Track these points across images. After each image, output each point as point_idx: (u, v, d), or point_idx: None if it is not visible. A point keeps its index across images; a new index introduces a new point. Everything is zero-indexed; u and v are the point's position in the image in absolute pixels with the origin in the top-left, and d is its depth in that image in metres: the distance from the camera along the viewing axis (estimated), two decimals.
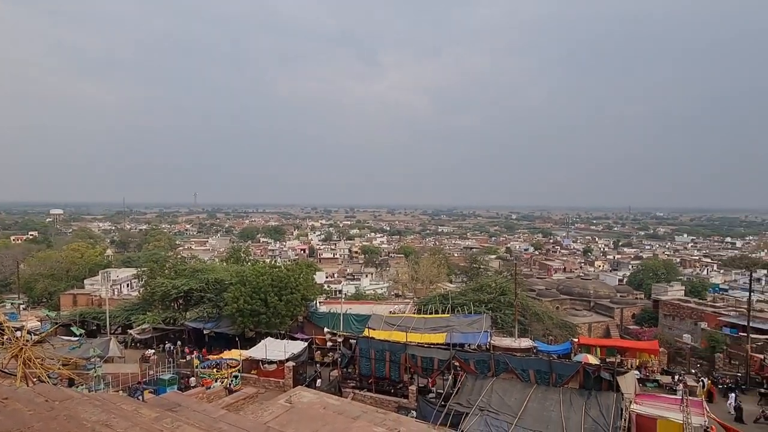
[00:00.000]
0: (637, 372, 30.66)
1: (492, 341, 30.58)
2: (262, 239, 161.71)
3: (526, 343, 32.10)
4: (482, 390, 21.93)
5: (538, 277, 76.59)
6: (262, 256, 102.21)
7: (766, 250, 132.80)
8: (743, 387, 31.17)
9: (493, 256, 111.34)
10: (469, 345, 29.55)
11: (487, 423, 19.36)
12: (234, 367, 29.08)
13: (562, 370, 22.37)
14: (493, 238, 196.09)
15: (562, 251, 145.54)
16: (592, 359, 29.22)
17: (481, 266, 72.98)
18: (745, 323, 35.99)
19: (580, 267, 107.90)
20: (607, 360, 31.27)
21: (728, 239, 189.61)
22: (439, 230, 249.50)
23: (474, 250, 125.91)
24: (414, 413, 23.24)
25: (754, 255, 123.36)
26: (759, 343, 38.34)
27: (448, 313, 37.20)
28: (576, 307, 57.13)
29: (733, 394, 28.76)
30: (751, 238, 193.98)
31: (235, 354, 31.11)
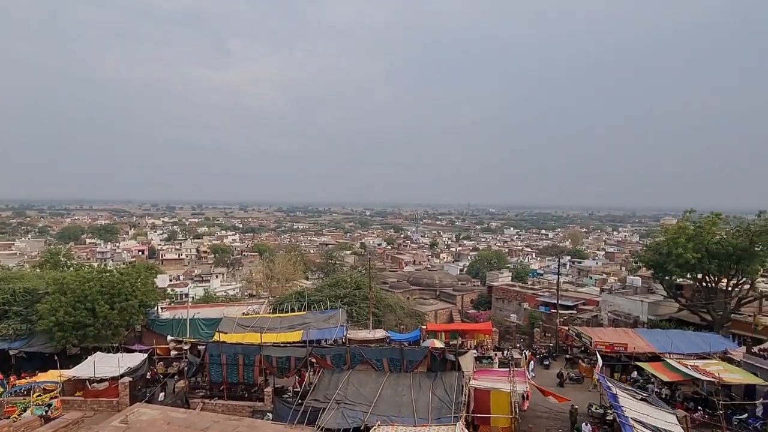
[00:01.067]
0: (475, 351, 34.45)
1: (348, 335, 31.38)
2: (88, 240, 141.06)
3: (380, 333, 33.64)
4: (339, 383, 22.42)
5: (390, 271, 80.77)
6: (89, 259, 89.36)
7: (569, 240, 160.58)
8: (554, 354, 37.31)
9: (349, 252, 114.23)
10: (326, 340, 29.88)
11: (344, 415, 19.86)
12: (51, 390, 24.84)
13: (412, 356, 24.04)
14: (348, 235, 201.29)
15: (412, 245, 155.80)
16: (438, 343, 31.92)
17: (337, 262, 74.35)
18: (555, 301, 43.10)
19: (428, 259, 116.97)
20: (451, 343, 34.53)
21: (543, 231, 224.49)
22: (295, 227, 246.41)
23: (330, 246, 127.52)
24: (270, 415, 22.71)
25: (561, 244, 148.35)
26: (565, 317, 46.26)
27: (304, 311, 37.10)
28: (424, 297, 61.65)
29: (531, 362, 34.41)
30: (559, 230, 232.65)
31: (52, 375, 26.62)
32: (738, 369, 26.22)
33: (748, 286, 36.09)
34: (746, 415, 24.24)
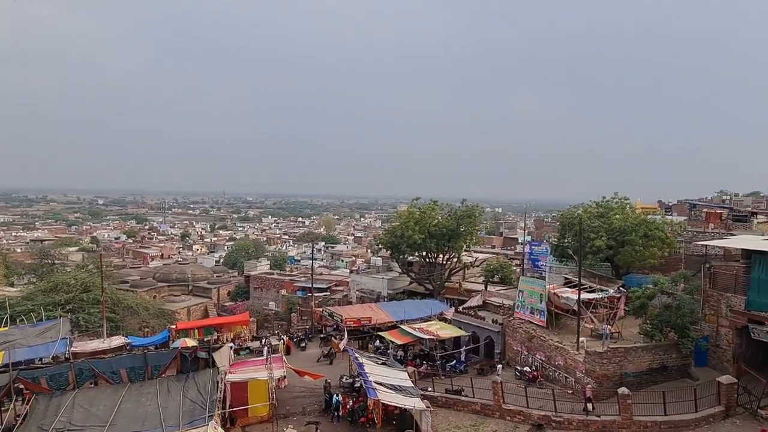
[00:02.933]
0: (231, 344, 33.60)
1: (73, 348, 26.34)
2: None
3: (117, 341, 29.40)
4: (60, 409, 18.64)
5: (132, 267, 71.23)
6: None
7: (323, 227, 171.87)
8: (310, 336, 39.53)
9: (74, 249, 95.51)
10: (40, 359, 24.37)
11: None
12: None
13: (157, 360, 21.85)
14: (74, 228, 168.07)
15: (159, 237, 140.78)
16: (191, 342, 29.84)
17: (56, 261, 61.14)
18: (310, 285, 45.59)
19: (179, 252, 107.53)
20: (205, 339, 32.77)
21: (300, 219, 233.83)
22: None
23: (45, 242, 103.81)
24: None
25: (316, 231, 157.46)
26: (320, 299, 49.41)
27: (6, 326, 29.34)
28: (175, 293, 56.75)
29: (277, 340, 36.21)
30: (314, 217, 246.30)
31: None
32: (450, 326, 32.98)
33: (456, 259, 45.56)
34: (454, 361, 30.86)
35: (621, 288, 29.75)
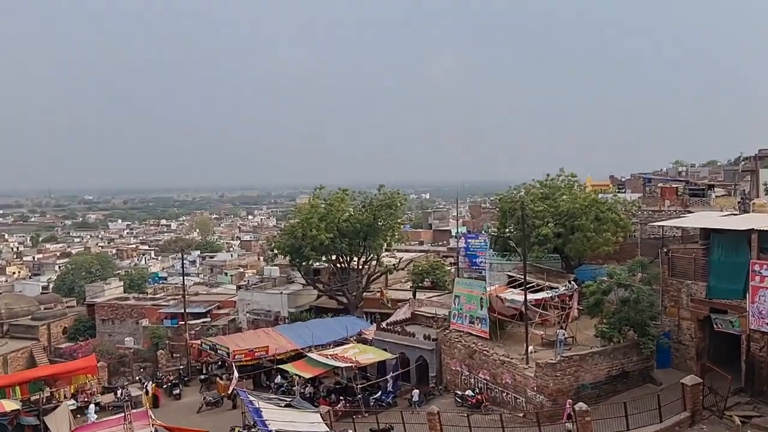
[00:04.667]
0: (72, 401, 31.35)
1: None
2: None
3: None
4: None
5: None
6: None
7: (198, 230, 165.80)
8: (186, 379, 38.06)
9: None
10: None
11: None
12: None
13: None
14: None
15: None
16: (10, 404, 27.39)
17: None
18: (183, 310, 43.87)
19: None
20: (32, 399, 30.23)
21: (163, 221, 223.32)
22: None
23: None
24: None
25: (188, 236, 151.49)
26: (197, 329, 47.65)
27: None
28: None
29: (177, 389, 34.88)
30: (184, 218, 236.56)
31: None
32: (371, 348, 33.43)
33: (375, 262, 46.19)
34: (380, 393, 31.36)
35: (573, 283, 31.98)
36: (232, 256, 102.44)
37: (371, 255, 45.51)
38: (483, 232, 45.65)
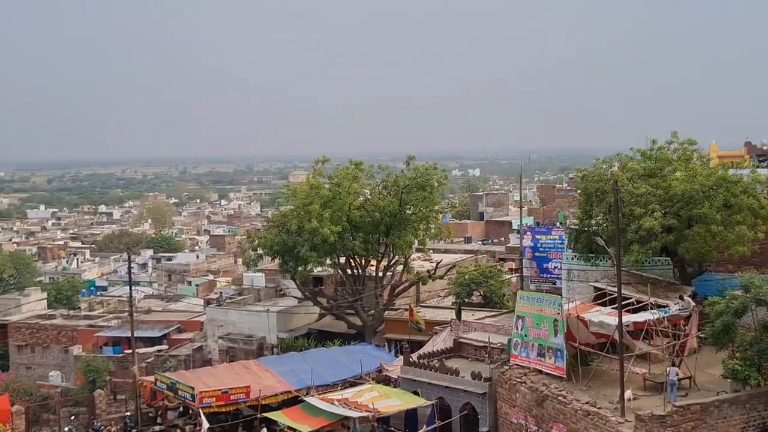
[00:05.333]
0: None
1: None
2: None
3: None
4: None
5: None
6: None
7: (149, 220, 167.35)
8: (134, 430, 38.29)
9: None
10: None
11: None
12: None
13: None
14: None
15: None
16: None
17: None
18: (129, 335, 44.07)
19: None
20: None
21: (102, 208, 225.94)
22: None
23: None
24: None
25: (136, 229, 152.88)
26: (149, 360, 47.84)
27: None
28: None
29: None
30: (131, 203, 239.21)
31: None
32: (395, 391, 33.21)
33: (402, 267, 45.87)
34: None
35: (690, 299, 31.30)
36: (197, 257, 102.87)
37: (396, 257, 45.19)
38: (558, 224, 45.13)
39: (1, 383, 49.61)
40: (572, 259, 36.59)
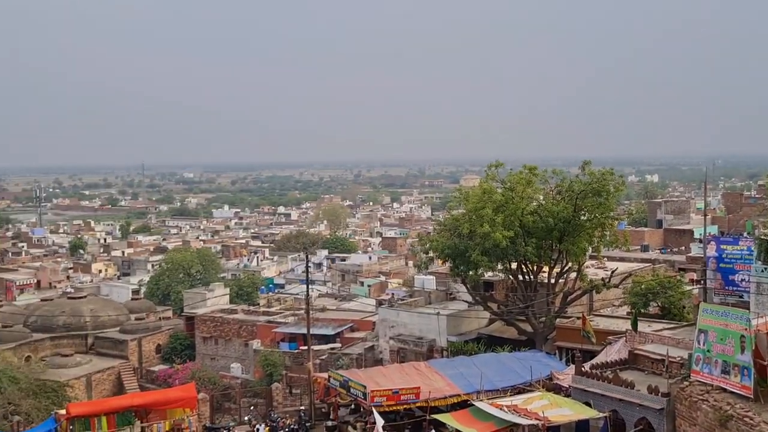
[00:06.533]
0: None
1: None
2: None
3: None
4: None
5: None
6: None
7: (325, 222, 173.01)
8: (308, 425, 39.77)
9: None
10: None
11: None
12: None
13: None
14: None
15: (33, 251, 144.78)
16: None
17: None
18: (305, 332, 45.84)
19: (67, 277, 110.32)
20: None
21: (281, 209, 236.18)
22: None
23: None
24: None
25: (312, 230, 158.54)
26: (322, 357, 49.56)
27: None
28: (63, 351, 58.27)
29: None
30: (308, 205, 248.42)
31: None
32: (566, 400, 32.55)
33: (575, 274, 44.92)
34: None
35: None
36: (370, 258, 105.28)
37: (569, 264, 44.36)
38: (746, 234, 42.61)
39: (189, 372, 53.15)
40: (762, 271, 34.51)
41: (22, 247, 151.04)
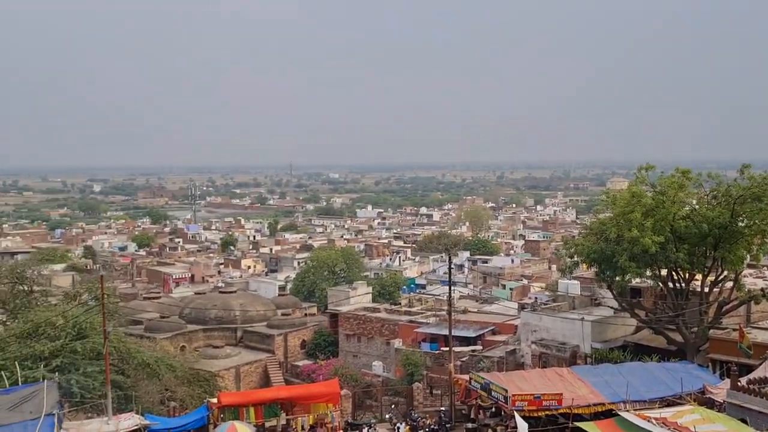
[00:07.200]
0: None
1: (64, 431, 29.66)
2: None
3: (129, 422, 32.47)
4: None
5: (147, 297, 77.99)
6: None
7: (467, 223, 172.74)
8: (448, 425, 39.91)
9: (60, 266, 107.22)
10: None
11: None
12: None
13: None
14: (59, 231, 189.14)
15: (187, 246, 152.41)
16: (244, 428, 31.78)
17: (36, 287, 69.15)
18: (447, 333, 45.97)
19: (219, 272, 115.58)
20: (266, 425, 34.65)
21: (423, 210, 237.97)
22: None
23: (19, 257, 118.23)
24: None
25: (454, 231, 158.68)
26: (463, 359, 49.57)
27: None
28: (215, 343, 61.05)
29: None
30: (450, 206, 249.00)
31: None
32: (720, 416, 31.06)
33: (731, 283, 42.77)
34: None
35: None
36: (512, 261, 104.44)
37: (725, 272, 42.37)
38: None
39: (332, 368, 54.49)
40: None
41: (178, 242, 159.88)
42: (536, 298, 63.22)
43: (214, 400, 36.75)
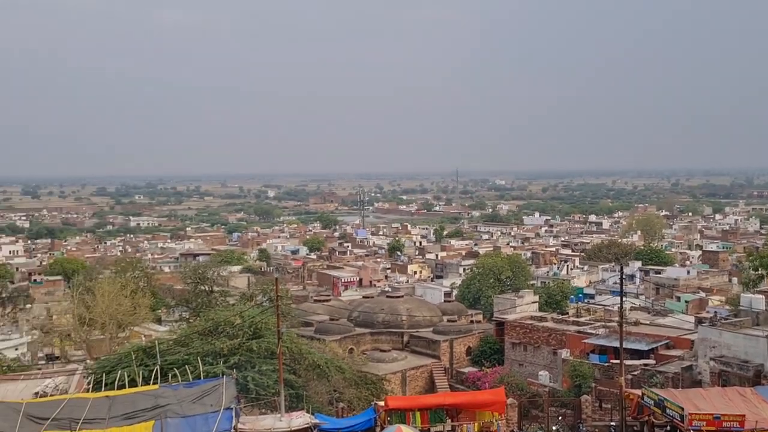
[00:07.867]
0: None
1: (241, 426, 31.06)
2: None
3: (300, 420, 33.53)
4: None
5: (317, 300, 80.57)
6: None
7: (638, 231, 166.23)
8: None
9: (237, 268, 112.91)
10: None
11: None
12: None
13: None
14: (236, 235, 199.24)
15: (356, 251, 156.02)
16: None
17: (215, 288, 73.41)
18: (617, 345, 44.43)
19: (386, 276, 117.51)
20: (432, 431, 34.82)
21: (592, 218, 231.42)
22: (132, 223, 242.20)
23: (200, 258, 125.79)
24: None
25: (625, 240, 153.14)
26: (635, 373, 47.73)
27: (155, 383, 36.40)
28: (382, 347, 62.18)
29: None
30: (620, 214, 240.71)
31: None
32: None
33: None
34: None
35: None
36: (688, 273, 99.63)
37: None
38: None
39: (497, 376, 54.11)
40: None
41: (347, 246, 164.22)
42: (716, 312, 59.97)
43: (381, 403, 37.34)
